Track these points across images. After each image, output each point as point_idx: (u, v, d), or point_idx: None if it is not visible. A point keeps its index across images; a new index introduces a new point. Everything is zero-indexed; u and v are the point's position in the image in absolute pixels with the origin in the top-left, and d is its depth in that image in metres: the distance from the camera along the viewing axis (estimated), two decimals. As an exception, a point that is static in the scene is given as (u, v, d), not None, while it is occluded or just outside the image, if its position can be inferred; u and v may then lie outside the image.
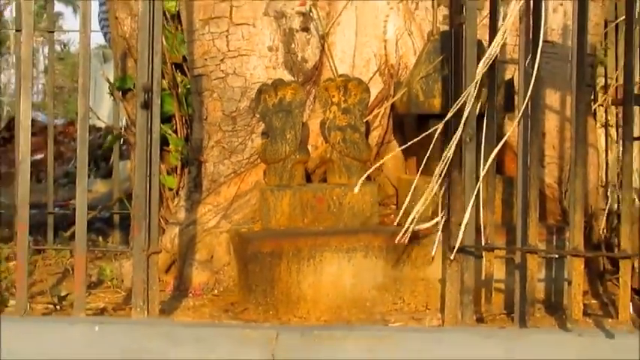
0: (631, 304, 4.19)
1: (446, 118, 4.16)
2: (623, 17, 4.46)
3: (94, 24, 5.93)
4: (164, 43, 5.06)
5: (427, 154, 4.31)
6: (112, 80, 6.76)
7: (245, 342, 3.91)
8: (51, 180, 5.81)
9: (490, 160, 4.11)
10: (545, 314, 4.28)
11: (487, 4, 4.57)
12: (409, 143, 4.51)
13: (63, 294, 4.46)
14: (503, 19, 4.26)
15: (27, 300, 4.15)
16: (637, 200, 4.82)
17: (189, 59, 5.65)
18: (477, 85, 4.14)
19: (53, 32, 7.16)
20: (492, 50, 4.20)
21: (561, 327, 4.03)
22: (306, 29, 5.35)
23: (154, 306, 4.18)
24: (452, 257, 4.11)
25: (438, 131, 4.20)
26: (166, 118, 5.54)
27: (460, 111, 4.07)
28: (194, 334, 4.04)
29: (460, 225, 4.07)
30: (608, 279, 4.74)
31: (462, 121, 4.06)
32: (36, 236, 5.00)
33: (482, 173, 4.06)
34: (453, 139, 4.10)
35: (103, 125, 7.41)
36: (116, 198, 6.01)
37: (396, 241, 4.20)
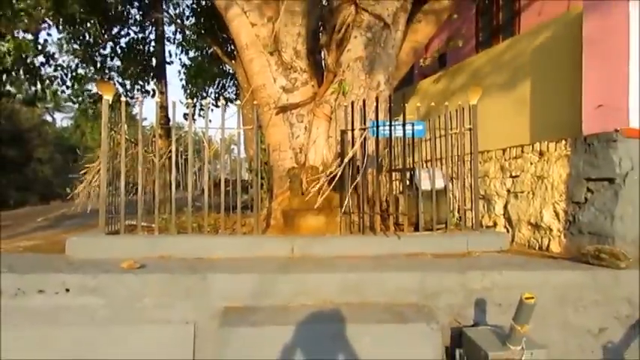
0: (399, 228, 4.93)
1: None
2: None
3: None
4: (261, 155, 5.25)
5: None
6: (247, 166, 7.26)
7: (283, 242, 4.50)
8: (223, 195, 5.26)
9: (351, 188, 4.69)
10: (370, 233, 4.83)
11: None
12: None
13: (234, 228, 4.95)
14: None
15: (225, 229, 4.78)
16: (402, 200, 5.00)
17: (269, 161, 5.76)
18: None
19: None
20: (353, 152, 4.74)
21: (375, 235, 4.73)
22: (300, 151, 5.45)
23: (259, 230, 4.83)
24: (342, 214, 4.83)
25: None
26: (262, 177, 5.65)
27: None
28: (270, 240, 4.60)
29: (347, 208, 4.76)
30: (393, 220, 4.91)
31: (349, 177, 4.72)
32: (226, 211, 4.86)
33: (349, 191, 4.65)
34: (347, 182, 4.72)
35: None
36: (250, 200, 5.59)
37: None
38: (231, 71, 11.67)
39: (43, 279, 3.48)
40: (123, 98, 4.85)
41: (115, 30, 10.64)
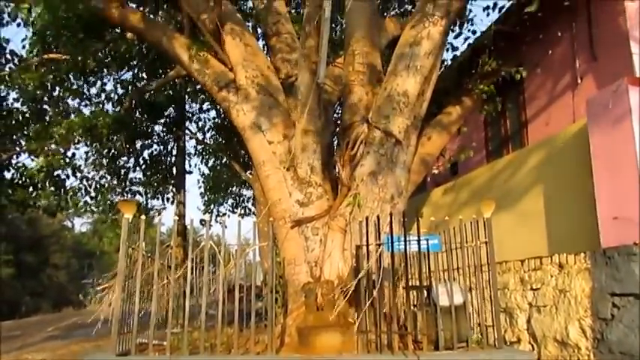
0: (418, 346, 4.70)
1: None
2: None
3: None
4: (276, 270, 5.26)
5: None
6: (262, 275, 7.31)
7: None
8: (237, 303, 5.00)
9: (367, 304, 4.54)
10: (389, 352, 4.50)
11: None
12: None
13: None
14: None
15: (237, 348, 4.57)
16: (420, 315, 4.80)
17: (284, 275, 5.71)
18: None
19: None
20: (368, 267, 4.64)
21: (394, 354, 4.49)
22: (315, 265, 5.44)
23: (273, 350, 4.56)
24: (358, 332, 4.56)
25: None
26: (276, 292, 5.43)
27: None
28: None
29: (364, 325, 4.58)
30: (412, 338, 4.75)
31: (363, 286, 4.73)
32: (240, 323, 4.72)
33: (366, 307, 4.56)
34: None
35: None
36: (264, 309, 5.27)
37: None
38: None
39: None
40: (142, 217, 4.95)
41: (139, 144, 11.23)
